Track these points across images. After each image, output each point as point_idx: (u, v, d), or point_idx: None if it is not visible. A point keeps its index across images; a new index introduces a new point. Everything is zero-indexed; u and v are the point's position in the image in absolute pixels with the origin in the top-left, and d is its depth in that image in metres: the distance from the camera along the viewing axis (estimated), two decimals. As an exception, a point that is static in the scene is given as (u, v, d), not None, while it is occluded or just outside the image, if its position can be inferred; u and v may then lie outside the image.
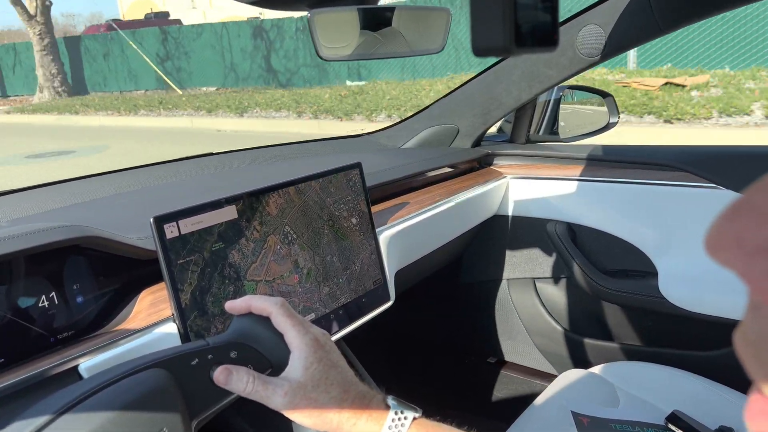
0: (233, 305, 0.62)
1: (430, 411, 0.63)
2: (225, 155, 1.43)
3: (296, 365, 0.58)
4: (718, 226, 0.21)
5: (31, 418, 0.48)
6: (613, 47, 1.24)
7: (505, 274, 1.56)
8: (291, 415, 0.57)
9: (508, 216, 1.51)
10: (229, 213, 0.77)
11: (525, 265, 1.52)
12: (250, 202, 0.80)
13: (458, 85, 1.53)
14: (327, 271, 0.90)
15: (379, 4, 0.81)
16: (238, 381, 0.57)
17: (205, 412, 0.57)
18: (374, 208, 1.07)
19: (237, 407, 0.72)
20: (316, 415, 0.57)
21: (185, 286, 0.71)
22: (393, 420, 0.58)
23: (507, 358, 1.63)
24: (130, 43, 14.62)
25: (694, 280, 1.24)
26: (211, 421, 0.66)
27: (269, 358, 0.59)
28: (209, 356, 0.57)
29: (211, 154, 1.44)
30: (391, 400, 0.60)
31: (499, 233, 1.53)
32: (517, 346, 1.60)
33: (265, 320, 0.61)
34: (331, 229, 0.92)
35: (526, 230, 1.49)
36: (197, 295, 0.72)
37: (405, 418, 0.59)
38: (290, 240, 0.85)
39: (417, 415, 0.60)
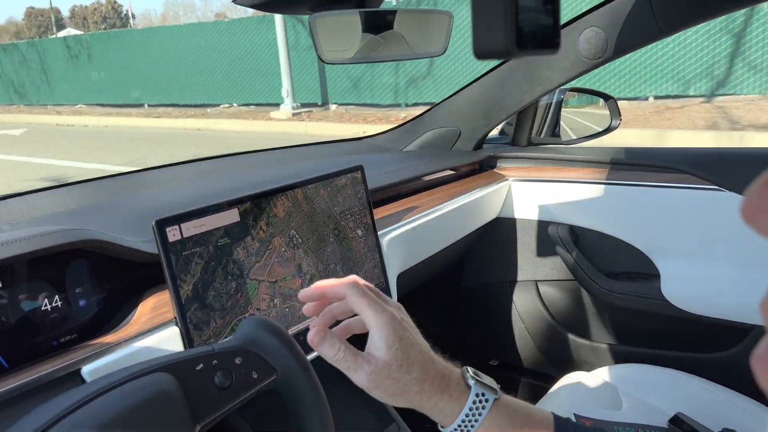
0: (306, 293, 0.62)
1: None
2: (227, 158, 1.44)
3: (378, 344, 0.57)
4: (756, 191, 0.21)
5: (35, 420, 0.48)
6: (615, 50, 1.24)
7: (508, 277, 1.56)
8: (371, 392, 0.57)
9: (510, 219, 1.51)
10: (232, 216, 0.77)
11: (527, 267, 1.52)
12: (252, 205, 0.80)
13: (460, 87, 1.53)
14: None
15: (381, 7, 0.81)
16: (330, 347, 0.57)
17: (208, 417, 0.57)
18: (376, 211, 1.07)
19: (240, 411, 0.72)
20: (399, 393, 0.57)
21: (188, 277, 0.71)
22: (474, 402, 0.58)
23: (509, 360, 1.63)
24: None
25: (696, 282, 1.24)
26: (215, 425, 0.66)
27: (274, 365, 0.60)
28: (214, 362, 0.57)
29: (214, 157, 1.44)
30: (470, 380, 0.59)
31: (501, 236, 1.53)
32: (519, 348, 1.59)
33: (271, 326, 0.61)
34: (336, 238, 0.92)
35: (528, 233, 1.49)
36: (199, 287, 0.72)
37: (486, 400, 0.58)
38: (295, 244, 0.85)
39: (498, 396, 0.59)
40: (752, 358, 0.22)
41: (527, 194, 1.47)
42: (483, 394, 0.58)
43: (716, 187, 1.21)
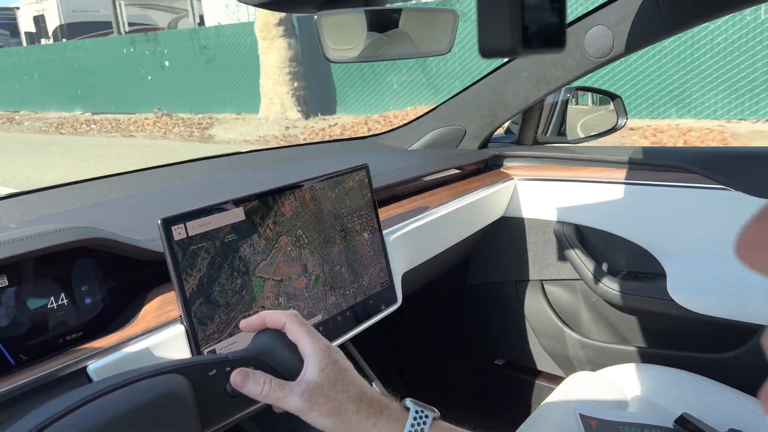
0: (248, 324, 0.63)
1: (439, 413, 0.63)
2: (231, 157, 1.44)
3: (311, 368, 0.59)
4: (748, 229, 0.21)
5: (39, 415, 0.48)
6: (621, 48, 1.24)
7: (513, 276, 1.55)
8: (308, 415, 0.57)
9: (515, 218, 1.50)
10: (237, 215, 0.77)
11: (533, 267, 1.52)
12: (259, 203, 0.80)
13: (466, 86, 1.52)
14: (335, 281, 0.90)
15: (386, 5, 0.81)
16: (254, 384, 0.57)
17: (217, 423, 0.58)
18: (381, 210, 1.07)
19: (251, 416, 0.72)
20: (335, 413, 0.57)
21: (194, 271, 0.71)
22: (414, 419, 0.58)
23: (515, 360, 1.62)
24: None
25: (702, 282, 1.23)
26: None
27: (285, 377, 0.60)
28: (227, 369, 0.58)
29: (219, 156, 1.44)
30: (409, 402, 0.61)
31: (507, 235, 1.52)
32: (524, 348, 1.59)
33: (283, 338, 0.62)
34: (342, 240, 0.92)
35: (534, 232, 1.49)
36: (205, 282, 0.72)
37: (426, 416, 0.59)
38: (301, 243, 0.85)
39: (436, 415, 0.60)
40: (760, 394, 0.22)
41: (533, 193, 1.47)
42: (422, 411, 0.59)
43: (723, 186, 1.20)
